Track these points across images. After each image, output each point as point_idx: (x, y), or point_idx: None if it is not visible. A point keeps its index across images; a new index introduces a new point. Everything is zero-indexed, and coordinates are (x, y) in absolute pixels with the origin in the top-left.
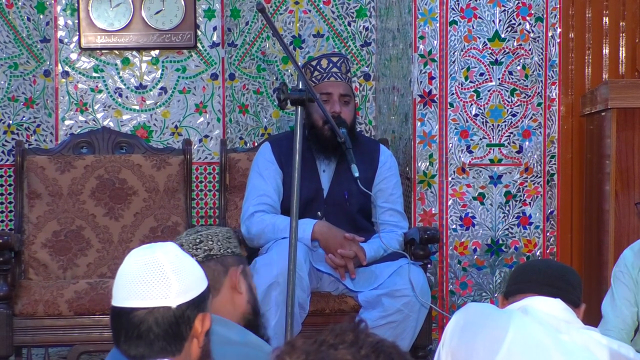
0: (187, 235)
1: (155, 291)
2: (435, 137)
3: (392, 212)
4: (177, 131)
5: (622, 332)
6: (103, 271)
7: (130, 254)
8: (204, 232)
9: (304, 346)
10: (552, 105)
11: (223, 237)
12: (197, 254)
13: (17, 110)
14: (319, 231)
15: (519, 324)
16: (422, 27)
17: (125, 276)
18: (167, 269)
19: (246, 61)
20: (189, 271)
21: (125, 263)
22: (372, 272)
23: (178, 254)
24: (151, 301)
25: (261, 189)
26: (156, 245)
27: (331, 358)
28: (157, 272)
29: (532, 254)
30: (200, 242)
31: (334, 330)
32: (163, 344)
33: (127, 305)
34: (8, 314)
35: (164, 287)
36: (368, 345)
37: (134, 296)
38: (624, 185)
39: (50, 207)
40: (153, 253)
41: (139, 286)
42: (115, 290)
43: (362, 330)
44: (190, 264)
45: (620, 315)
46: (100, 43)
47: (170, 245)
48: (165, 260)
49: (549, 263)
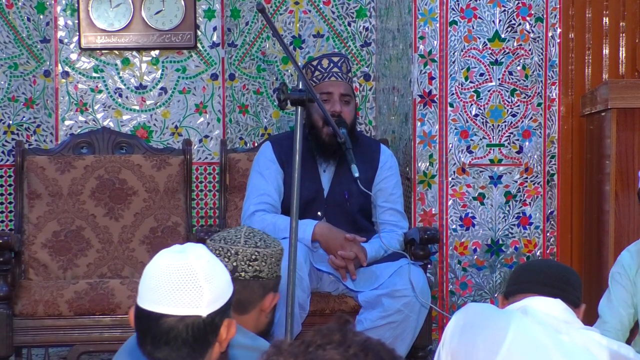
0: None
1: (187, 300)
2: (435, 137)
3: (392, 212)
4: (177, 131)
5: (618, 333)
6: (103, 271)
7: (161, 256)
8: (262, 251)
9: (291, 348)
10: (552, 105)
11: (275, 260)
12: (247, 271)
13: (17, 110)
14: (320, 232)
15: (519, 324)
16: (422, 27)
17: (155, 279)
18: (200, 277)
19: (246, 61)
20: (219, 279)
21: (156, 265)
22: (373, 272)
23: (210, 259)
24: (183, 309)
25: (262, 188)
26: (188, 249)
27: (320, 359)
28: (190, 280)
29: (532, 254)
30: (254, 260)
31: (320, 331)
32: (189, 350)
33: (157, 311)
34: (8, 314)
35: (197, 296)
36: (356, 344)
37: (165, 302)
38: (624, 185)
39: (50, 208)
40: (186, 259)
41: (171, 293)
42: (144, 290)
43: (349, 329)
44: (221, 271)
45: (617, 316)
46: (100, 43)
47: (202, 249)
48: (198, 268)
49: (549, 263)
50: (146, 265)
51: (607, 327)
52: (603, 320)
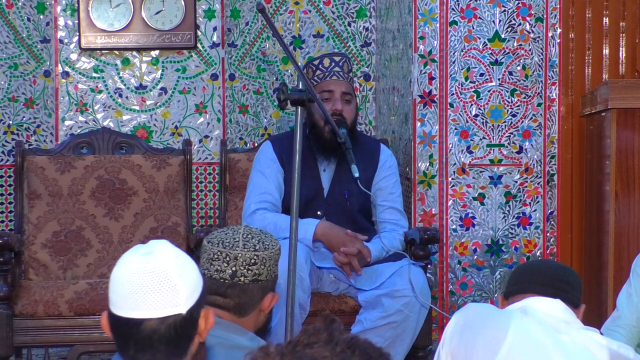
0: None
1: (165, 301)
2: (435, 138)
3: (391, 211)
4: (177, 131)
5: (633, 330)
6: (103, 271)
7: (128, 260)
8: (261, 254)
9: (279, 348)
10: (552, 105)
11: (274, 262)
12: (246, 275)
13: (17, 110)
14: (322, 232)
15: (519, 324)
16: (422, 27)
17: (128, 285)
18: (173, 275)
19: (246, 61)
20: (190, 273)
21: (125, 270)
22: (374, 271)
23: (177, 254)
24: (162, 311)
25: (263, 186)
26: (154, 248)
27: (308, 357)
28: (164, 280)
29: (532, 254)
30: (254, 264)
31: (307, 331)
32: (172, 348)
33: (136, 317)
34: (8, 315)
35: (173, 295)
36: (343, 342)
37: (144, 307)
38: (624, 185)
39: (50, 208)
40: (155, 260)
41: (147, 297)
42: (117, 298)
43: (335, 328)
44: (189, 263)
45: (636, 312)
46: (100, 43)
47: (166, 245)
48: (169, 266)
49: (548, 263)
50: (113, 270)
51: (621, 322)
52: (619, 314)
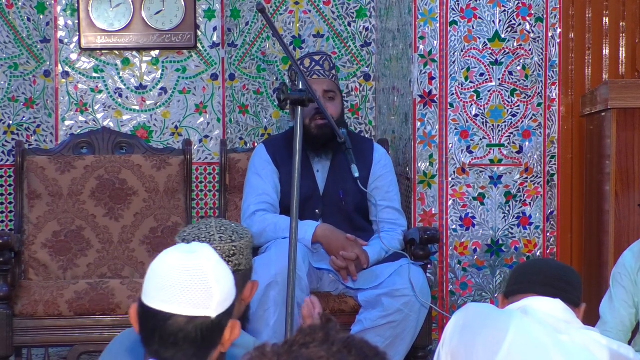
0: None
1: (198, 300)
2: (435, 138)
3: (390, 210)
4: (177, 131)
5: (620, 334)
6: (103, 271)
7: (170, 255)
8: (238, 244)
9: (275, 349)
10: (552, 105)
11: (249, 250)
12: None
13: (17, 110)
14: (322, 234)
15: (519, 324)
16: (422, 27)
17: (165, 279)
18: (211, 278)
19: (246, 61)
20: (227, 280)
21: (165, 264)
22: (373, 271)
23: (218, 260)
24: (193, 310)
25: (260, 188)
26: (196, 249)
27: (304, 357)
28: (201, 281)
29: (532, 254)
30: (233, 255)
31: (303, 331)
32: (196, 351)
33: (166, 310)
34: (8, 315)
35: (207, 297)
36: (339, 341)
37: (176, 302)
38: (624, 185)
39: (50, 208)
40: (197, 259)
41: (182, 293)
42: (151, 289)
43: (331, 328)
44: (228, 272)
45: (618, 316)
46: (101, 43)
47: (209, 249)
48: (209, 269)
49: (549, 263)
50: (152, 263)
51: (608, 327)
52: (604, 321)
